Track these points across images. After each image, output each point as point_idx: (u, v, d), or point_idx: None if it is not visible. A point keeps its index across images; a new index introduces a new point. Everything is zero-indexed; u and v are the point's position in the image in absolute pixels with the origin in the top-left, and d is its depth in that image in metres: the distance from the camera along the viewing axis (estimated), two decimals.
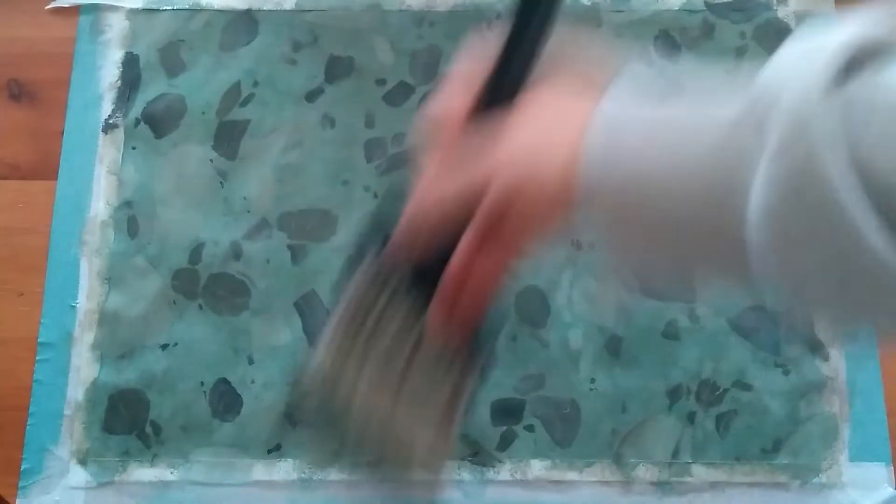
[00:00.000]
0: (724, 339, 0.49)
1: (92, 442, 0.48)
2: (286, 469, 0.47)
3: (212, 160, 0.52)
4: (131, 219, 0.51)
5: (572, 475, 0.47)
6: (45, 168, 0.53)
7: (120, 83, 0.54)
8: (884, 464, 0.47)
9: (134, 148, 0.53)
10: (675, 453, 0.47)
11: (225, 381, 0.49)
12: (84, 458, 0.48)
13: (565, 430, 0.48)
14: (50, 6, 0.56)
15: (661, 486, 0.47)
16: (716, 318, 0.49)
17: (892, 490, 0.47)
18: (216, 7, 0.55)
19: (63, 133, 0.53)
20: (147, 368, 0.49)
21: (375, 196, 0.52)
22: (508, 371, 0.49)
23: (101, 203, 0.52)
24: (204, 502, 0.47)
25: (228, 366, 0.49)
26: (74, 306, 0.50)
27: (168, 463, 0.48)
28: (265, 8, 0.55)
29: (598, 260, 0.50)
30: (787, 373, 0.49)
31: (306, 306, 0.50)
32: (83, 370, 0.49)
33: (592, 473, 0.47)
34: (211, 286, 0.50)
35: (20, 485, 0.47)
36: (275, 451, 0.48)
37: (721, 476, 0.47)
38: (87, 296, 0.50)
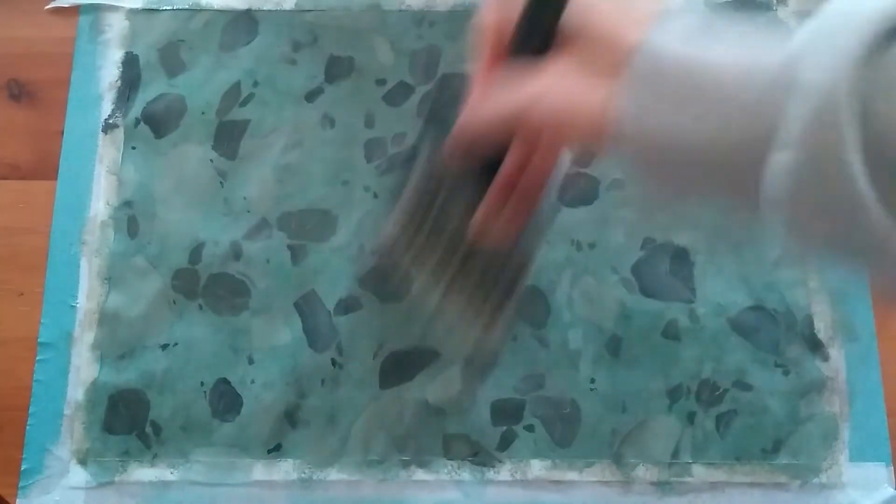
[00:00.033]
0: (724, 339, 0.49)
1: (92, 442, 0.48)
2: (286, 469, 0.47)
3: (212, 160, 0.52)
4: (131, 219, 0.51)
5: (572, 475, 0.47)
6: (45, 168, 0.53)
7: (120, 83, 0.54)
8: (884, 464, 0.47)
9: (134, 148, 0.53)
10: (675, 453, 0.47)
11: (225, 381, 0.49)
12: (84, 458, 0.48)
13: (565, 430, 0.48)
14: (50, 6, 0.56)
15: (661, 486, 0.47)
16: (716, 318, 0.49)
17: (892, 490, 0.47)
18: (216, 7, 0.55)
19: (63, 133, 0.53)
20: (147, 368, 0.49)
21: (375, 196, 0.52)
22: (508, 371, 0.49)
23: (101, 203, 0.52)
24: (204, 502, 0.47)
25: (228, 366, 0.49)
26: (74, 306, 0.50)
27: (168, 463, 0.48)
28: (265, 8, 0.55)
29: (598, 260, 0.50)
30: (787, 373, 0.49)
31: (306, 306, 0.50)
32: (83, 370, 0.49)
33: (592, 473, 0.47)
34: (211, 286, 0.50)
35: (20, 485, 0.47)
36: (275, 451, 0.48)
37: (721, 476, 0.47)
38: (87, 296, 0.50)
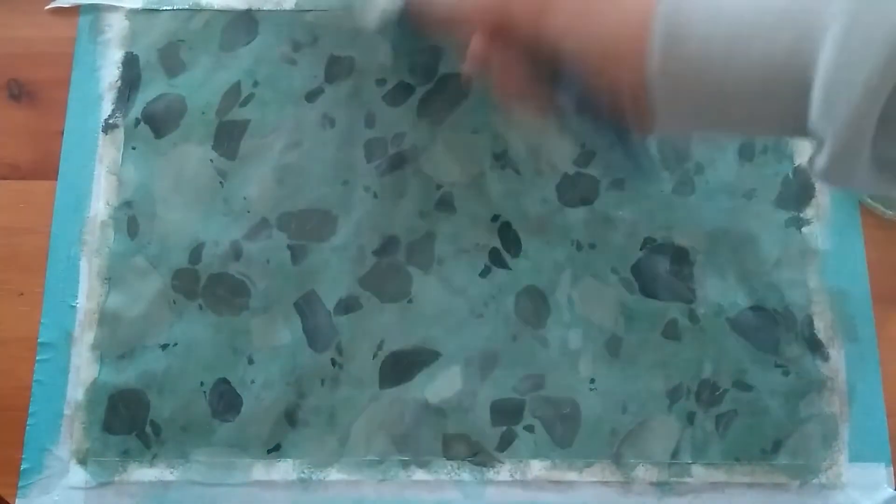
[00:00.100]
0: (724, 339, 0.49)
1: (92, 442, 0.48)
2: (286, 469, 0.47)
3: (212, 160, 0.52)
4: (131, 219, 0.51)
5: (572, 475, 0.47)
6: (45, 168, 0.53)
7: (120, 83, 0.54)
8: (884, 464, 0.47)
9: (134, 148, 0.53)
10: (675, 454, 0.47)
11: (225, 381, 0.49)
12: (84, 458, 0.48)
13: (565, 431, 0.48)
14: (50, 6, 0.56)
15: (661, 486, 0.47)
16: (716, 318, 0.49)
17: (891, 491, 0.47)
18: (216, 7, 0.55)
19: (63, 133, 0.53)
20: (147, 368, 0.49)
21: (375, 196, 0.52)
22: (508, 371, 0.49)
23: (101, 203, 0.52)
24: (204, 502, 0.47)
25: (228, 366, 0.49)
26: (74, 306, 0.50)
27: (168, 463, 0.48)
28: (265, 8, 0.55)
29: (598, 260, 0.50)
30: (787, 373, 0.49)
31: (306, 306, 0.50)
32: (83, 370, 0.49)
33: (592, 474, 0.47)
34: (211, 286, 0.50)
35: (20, 485, 0.47)
36: (275, 451, 0.48)
37: (721, 476, 0.47)
38: (87, 296, 0.50)
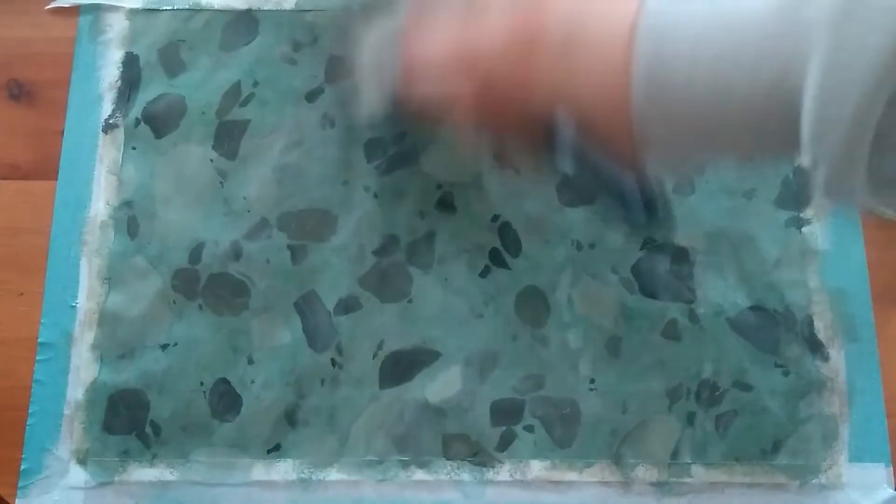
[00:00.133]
0: (724, 339, 0.49)
1: (92, 442, 0.48)
2: (286, 469, 0.47)
3: (212, 160, 0.52)
4: (131, 219, 0.51)
5: (572, 475, 0.47)
6: (45, 168, 0.53)
7: (120, 83, 0.54)
8: (883, 464, 0.47)
9: (134, 148, 0.53)
10: (675, 454, 0.47)
11: (225, 381, 0.49)
12: (84, 458, 0.48)
13: (565, 431, 0.48)
14: (50, 6, 0.56)
15: (661, 486, 0.47)
16: (716, 318, 0.49)
17: (891, 491, 0.47)
18: (216, 7, 0.55)
19: (63, 133, 0.53)
20: (147, 368, 0.49)
21: (375, 196, 0.52)
22: (508, 371, 0.49)
23: (101, 203, 0.52)
24: (204, 502, 0.47)
25: (228, 366, 0.49)
26: (74, 306, 0.50)
27: (168, 463, 0.48)
28: (265, 8, 0.55)
29: (598, 260, 0.50)
30: (786, 373, 0.49)
31: (306, 306, 0.50)
32: (83, 370, 0.49)
33: (592, 474, 0.47)
34: (211, 286, 0.50)
35: (20, 485, 0.47)
36: (274, 451, 0.48)
37: (720, 477, 0.47)
38: (87, 296, 0.50)
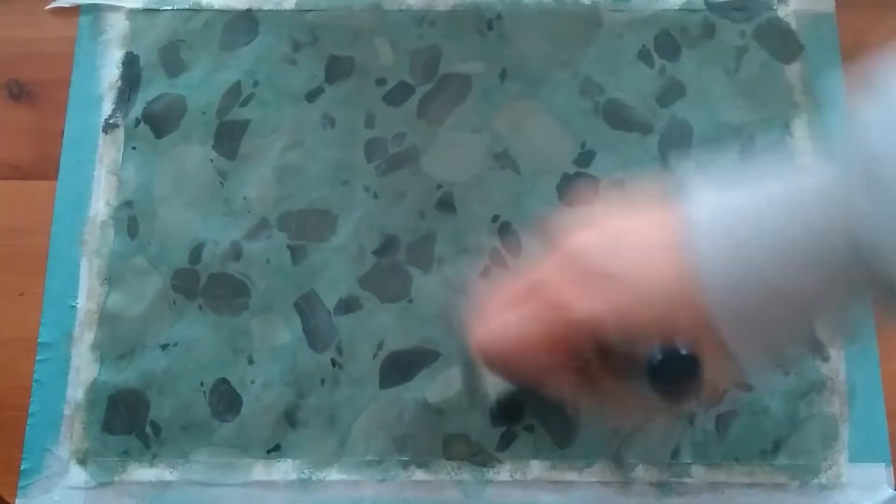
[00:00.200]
0: None
1: (92, 442, 0.48)
2: (286, 469, 0.47)
3: (212, 160, 0.52)
4: (131, 219, 0.51)
5: (572, 475, 0.47)
6: (45, 168, 0.53)
7: (120, 83, 0.54)
8: (883, 465, 0.47)
9: (134, 148, 0.53)
10: (675, 454, 0.47)
11: (225, 381, 0.49)
12: (84, 458, 0.48)
13: (565, 431, 0.48)
14: (50, 6, 0.56)
15: (661, 486, 0.47)
16: None
17: (891, 491, 0.47)
18: (216, 7, 0.55)
19: (63, 133, 0.53)
20: (147, 368, 0.49)
21: (375, 196, 0.52)
22: None
23: (101, 203, 0.52)
24: (204, 502, 0.47)
25: (228, 366, 0.49)
26: (74, 306, 0.50)
27: (168, 463, 0.48)
28: (265, 8, 0.55)
29: None
30: (786, 373, 0.49)
31: (306, 306, 0.50)
32: (83, 370, 0.49)
33: (592, 474, 0.47)
34: (211, 286, 0.50)
35: (20, 485, 0.47)
36: (274, 451, 0.48)
37: (720, 477, 0.47)
38: (87, 296, 0.50)
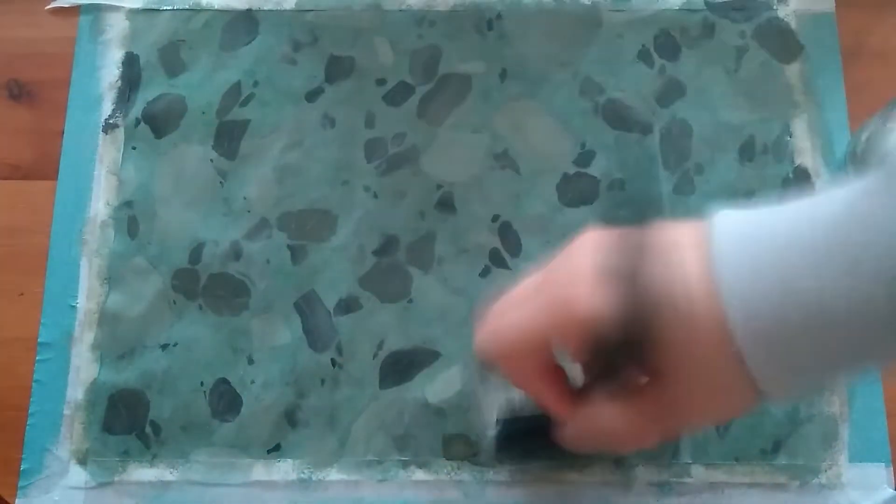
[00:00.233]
0: None
1: (91, 442, 0.48)
2: (286, 469, 0.47)
3: (212, 160, 0.52)
4: (131, 219, 0.51)
5: (572, 475, 0.47)
6: (45, 168, 0.53)
7: (120, 83, 0.54)
8: (883, 465, 0.47)
9: (134, 148, 0.53)
10: (675, 454, 0.47)
11: (225, 381, 0.49)
12: (84, 458, 0.48)
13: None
14: (50, 6, 0.56)
15: (661, 486, 0.47)
16: None
17: (891, 491, 0.47)
18: (216, 7, 0.55)
19: (63, 133, 0.53)
20: (147, 368, 0.49)
21: (375, 196, 0.52)
22: None
23: (101, 203, 0.52)
24: (204, 502, 0.47)
25: (228, 366, 0.49)
26: (74, 306, 0.50)
27: (168, 463, 0.48)
28: (265, 8, 0.55)
29: None
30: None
31: (306, 306, 0.50)
32: (83, 370, 0.49)
33: (592, 473, 0.47)
34: (211, 286, 0.50)
35: (20, 485, 0.47)
36: (274, 451, 0.48)
37: (720, 477, 0.47)
38: (87, 296, 0.50)
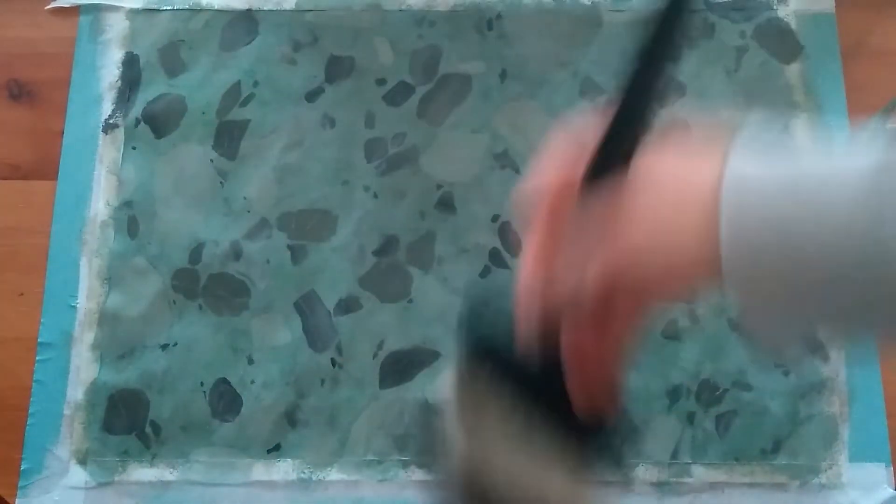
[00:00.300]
0: (724, 339, 0.49)
1: (91, 442, 0.48)
2: (286, 469, 0.47)
3: (212, 160, 0.52)
4: (131, 219, 0.51)
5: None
6: (45, 168, 0.53)
7: (120, 83, 0.54)
8: (883, 464, 0.47)
9: (134, 148, 0.53)
10: (675, 454, 0.47)
11: (225, 381, 0.49)
12: (84, 458, 0.48)
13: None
14: (50, 6, 0.56)
15: (661, 486, 0.47)
16: (716, 318, 0.49)
17: (891, 490, 0.47)
18: (216, 7, 0.55)
19: (63, 133, 0.53)
20: (147, 368, 0.49)
21: (375, 196, 0.52)
22: None
23: (101, 203, 0.52)
24: (204, 502, 0.47)
25: (228, 366, 0.49)
26: (74, 306, 0.50)
27: (168, 463, 0.48)
28: (265, 8, 0.55)
29: None
30: (786, 373, 0.49)
31: (306, 306, 0.50)
32: (83, 370, 0.49)
33: (592, 473, 0.47)
34: (211, 286, 0.50)
35: (20, 485, 0.47)
36: (274, 451, 0.48)
37: (720, 476, 0.47)
38: (87, 296, 0.50)
